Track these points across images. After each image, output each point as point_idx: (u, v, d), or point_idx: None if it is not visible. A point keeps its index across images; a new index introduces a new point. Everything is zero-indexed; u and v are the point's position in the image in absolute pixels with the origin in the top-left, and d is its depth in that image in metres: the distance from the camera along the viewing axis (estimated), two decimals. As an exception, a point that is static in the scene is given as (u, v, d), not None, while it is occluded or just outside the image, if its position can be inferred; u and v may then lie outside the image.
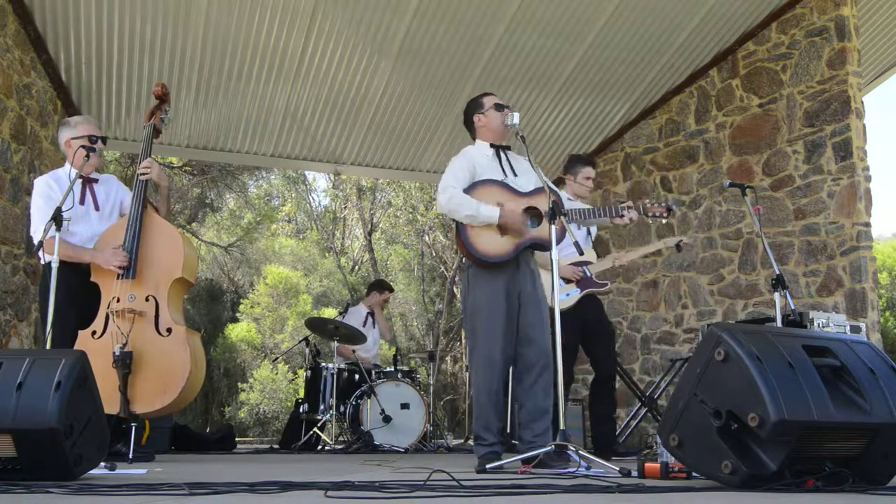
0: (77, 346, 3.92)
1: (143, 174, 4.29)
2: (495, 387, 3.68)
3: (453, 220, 3.77)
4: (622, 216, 3.92)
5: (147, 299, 4.09)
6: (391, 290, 8.05)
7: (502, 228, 3.68)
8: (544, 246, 3.67)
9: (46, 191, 4.23)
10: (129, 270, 4.10)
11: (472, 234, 3.69)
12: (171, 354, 4.02)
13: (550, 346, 3.70)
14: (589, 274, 4.77)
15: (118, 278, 4.08)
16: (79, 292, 4.10)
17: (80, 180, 4.30)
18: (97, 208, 4.37)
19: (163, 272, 4.17)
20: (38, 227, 4.13)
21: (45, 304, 3.69)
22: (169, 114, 4.56)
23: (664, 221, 4.08)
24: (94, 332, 4.03)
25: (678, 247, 5.09)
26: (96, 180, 4.43)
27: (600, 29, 6.59)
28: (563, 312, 4.53)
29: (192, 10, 6.04)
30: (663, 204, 4.03)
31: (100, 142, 4.32)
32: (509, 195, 3.73)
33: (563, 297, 4.61)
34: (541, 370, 3.69)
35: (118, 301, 4.04)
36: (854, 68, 6.05)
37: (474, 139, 3.99)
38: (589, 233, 4.95)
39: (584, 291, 4.76)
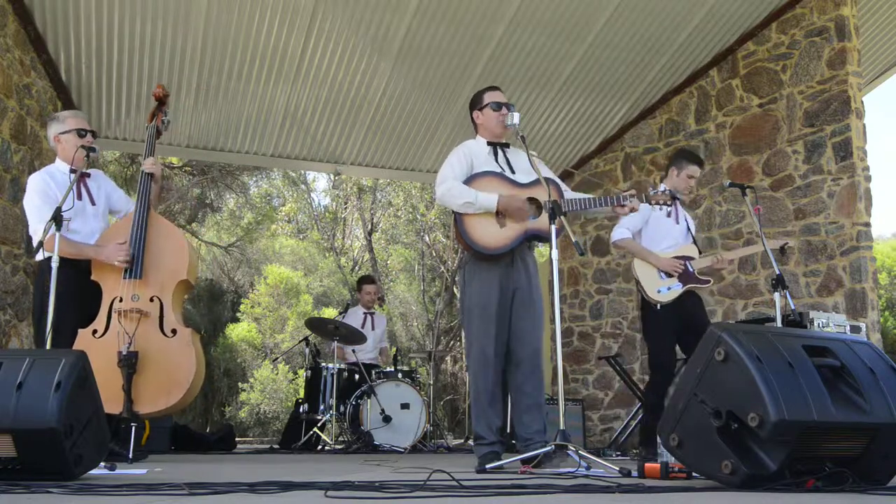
0: (77, 345, 3.89)
1: (147, 170, 4.29)
2: (492, 385, 3.68)
3: (452, 211, 3.76)
4: (623, 205, 3.82)
5: (152, 300, 4.08)
6: (373, 281, 7.97)
7: (501, 219, 3.68)
8: (543, 238, 3.66)
9: (43, 187, 4.11)
10: (136, 270, 4.06)
11: (470, 226, 3.68)
12: (177, 355, 4.02)
13: (542, 343, 3.72)
14: (691, 269, 4.73)
15: (125, 278, 4.05)
16: (78, 290, 4.04)
17: (73, 175, 4.21)
18: (93, 203, 4.30)
19: (168, 273, 4.16)
20: (37, 227, 4.03)
21: (41, 300, 3.63)
22: (168, 115, 4.57)
23: (668, 208, 4.06)
24: (94, 331, 4.00)
25: (782, 250, 4.86)
26: (89, 175, 4.36)
27: (600, 29, 6.59)
28: (663, 306, 4.55)
29: (192, 10, 6.04)
30: (667, 191, 4.02)
31: (89, 135, 4.24)
32: (508, 186, 3.74)
33: (663, 290, 4.56)
34: (533, 367, 3.70)
35: (121, 301, 4.02)
36: (854, 68, 6.05)
37: (476, 133, 4.00)
38: (689, 228, 4.84)
39: (686, 286, 4.63)
